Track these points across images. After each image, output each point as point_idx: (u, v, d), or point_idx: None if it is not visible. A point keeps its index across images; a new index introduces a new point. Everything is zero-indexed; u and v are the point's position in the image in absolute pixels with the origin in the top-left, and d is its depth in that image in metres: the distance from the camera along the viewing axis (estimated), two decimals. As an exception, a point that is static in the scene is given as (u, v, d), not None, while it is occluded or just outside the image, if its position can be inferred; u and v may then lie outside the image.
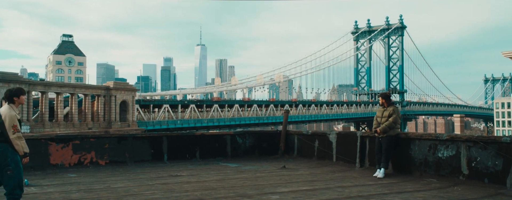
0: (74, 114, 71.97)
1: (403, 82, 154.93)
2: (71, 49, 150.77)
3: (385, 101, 9.01)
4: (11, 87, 41.09)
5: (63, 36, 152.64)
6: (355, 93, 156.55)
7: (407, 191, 7.24)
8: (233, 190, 7.33)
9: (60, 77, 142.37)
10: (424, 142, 8.48)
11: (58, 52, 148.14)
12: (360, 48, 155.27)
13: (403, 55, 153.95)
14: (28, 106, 67.08)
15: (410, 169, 8.74)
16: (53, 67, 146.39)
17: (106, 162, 10.22)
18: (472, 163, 7.60)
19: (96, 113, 75.25)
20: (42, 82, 77.30)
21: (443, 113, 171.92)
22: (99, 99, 74.93)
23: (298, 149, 12.10)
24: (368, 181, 8.29)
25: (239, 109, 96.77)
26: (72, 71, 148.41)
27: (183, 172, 9.40)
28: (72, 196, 6.66)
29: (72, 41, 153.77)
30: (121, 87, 77.48)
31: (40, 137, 9.83)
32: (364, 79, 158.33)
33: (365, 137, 9.83)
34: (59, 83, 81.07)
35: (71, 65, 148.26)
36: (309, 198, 6.75)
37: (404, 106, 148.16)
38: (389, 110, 8.86)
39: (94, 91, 75.09)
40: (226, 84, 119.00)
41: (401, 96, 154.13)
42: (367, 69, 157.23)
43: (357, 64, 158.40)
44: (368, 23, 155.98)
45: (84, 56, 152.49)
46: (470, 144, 7.65)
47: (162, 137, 11.05)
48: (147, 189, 7.37)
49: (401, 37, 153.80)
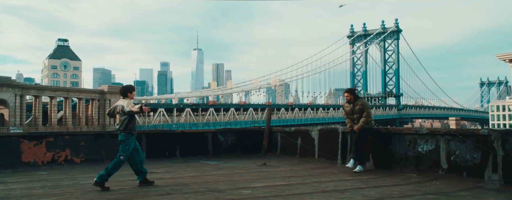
0: (68, 118, 71.59)
1: (399, 85, 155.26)
2: (67, 53, 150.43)
3: (352, 97, 8.72)
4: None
5: (58, 40, 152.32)
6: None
7: (385, 185, 7.06)
8: (206, 185, 7.13)
9: (56, 81, 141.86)
10: (405, 136, 8.31)
11: (54, 57, 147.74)
12: (356, 51, 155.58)
13: (399, 58, 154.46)
14: (21, 110, 66.72)
15: (390, 165, 8.56)
16: (49, 72, 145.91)
17: (82, 160, 9.96)
18: (451, 157, 7.43)
19: (90, 117, 74.94)
20: (35, 86, 76.93)
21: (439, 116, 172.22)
22: (94, 103, 74.65)
23: (281, 146, 11.89)
24: (347, 176, 8.10)
25: (235, 113, 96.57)
26: (67, 76, 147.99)
27: (159, 169, 9.18)
28: (34, 192, 6.44)
29: (68, 45, 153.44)
30: (115, 91, 77.14)
31: (12, 134, 9.58)
32: (360, 82, 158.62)
33: (347, 133, 9.64)
34: (53, 87, 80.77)
35: (66, 69, 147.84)
36: (282, 192, 6.55)
37: (400, 109, 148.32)
38: (359, 104, 8.61)
39: (89, 95, 74.83)
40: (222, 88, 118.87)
41: (397, 99, 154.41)
42: (363, 73, 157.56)
43: (353, 68, 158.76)
44: (364, 27, 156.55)
45: (79, 61, 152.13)
46: (449, 137, 7.48)
47: (140, 135, 10.81)
48: (117, 185, 7.15)
49: (396, 40, 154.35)
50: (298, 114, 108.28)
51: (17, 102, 65.54)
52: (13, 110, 65.27)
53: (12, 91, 65.02)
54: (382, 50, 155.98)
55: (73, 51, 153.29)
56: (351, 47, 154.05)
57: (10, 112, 65.47)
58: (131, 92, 7.05)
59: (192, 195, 6.27)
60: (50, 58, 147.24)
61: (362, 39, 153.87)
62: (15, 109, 65.35)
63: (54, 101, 70.24)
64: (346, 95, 8.82)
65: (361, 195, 6.22)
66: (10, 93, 64.86)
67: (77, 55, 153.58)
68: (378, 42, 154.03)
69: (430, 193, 6.32)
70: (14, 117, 65.35)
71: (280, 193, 6.46)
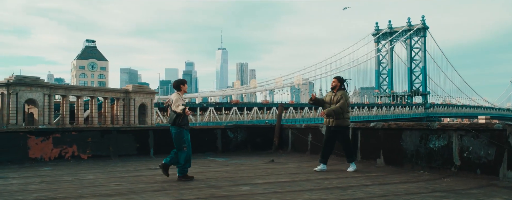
0: (94, 117, 72.94)
1: (426, 83, 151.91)
2: (94, 54, 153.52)
3: (338, 84, 8.11)
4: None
5: (86, 41, 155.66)
6: (377, 95, 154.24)
7: (392, 183, 6.71)
8: (206, 182, 6.95)
9: (84, 81, 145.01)
10: (416, 132, 7.91)
11: (82, 57, 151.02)
12: (381, 49, 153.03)
13: (426, 56, 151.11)
14: (50, 109, 68.36)
15: (401, 162, 8.18)
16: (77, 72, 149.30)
17: (89, 156, 9.94)
18: (464, 153, 7.01)
19: (115, 116, 76.09)
20: (63, 85, 78.76)
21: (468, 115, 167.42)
22: (119, 102, 75.78)
23: (292, 143, 11.61)
24: (355, 173, 7.78)
25: (258, 112, 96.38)
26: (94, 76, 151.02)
27: None
28: (29, 187, 6.38)
29: (95, 46, 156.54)
30: (140, 90, 78.21)
31: (19, 130, 9.63)
32: (386, 81, 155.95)
33: (357, 129, 9.30)
34: (79, 86, 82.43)
35: (94, 69, 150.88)
36: (282, 189, 6.31)
37: (427, 108, 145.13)
38: (338, 95, 8.05)
39: (114, 94, 75.99)
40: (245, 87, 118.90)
41: (424, 98, 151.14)
42: (389, 71, 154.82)
43: (379, 66, 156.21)
44: (389, 24, 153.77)
45: (106, 61, 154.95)
46: (462, 133, 7.06)
47: (148, 131, 10.73)
48: (115, 181, 7.05)
49: (423, 38, 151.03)
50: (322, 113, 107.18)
51: (45, 101, 67.19)
52: (41, 109, 66.94)
53: (40, 90, 66.70)
54: (408, 48, 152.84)
55: (100, 52, 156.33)
56: (376, 45, 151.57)
57: (39, 111, 67.18)
58: (183, 84, 7.39)
59: (188, 191, 6.09)
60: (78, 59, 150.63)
61: (387, 37, 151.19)
62: (43, 108, 67.01)
63: (80, 100, 71.65)
64: (333, 80, 8.22)
65: (364, 192, 5.91)
66: (39, 92, 66.55)
67: (104, 56, 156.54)
68: (404, 39, 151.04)
69: (439, 191, 5.96)
70: (43, 116, 67.04)
71: (280, 190, 6.21)
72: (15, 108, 63.74)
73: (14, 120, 63.28)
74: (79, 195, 5.72)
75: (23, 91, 64.93)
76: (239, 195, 5.77)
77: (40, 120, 67.38)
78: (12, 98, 63.45)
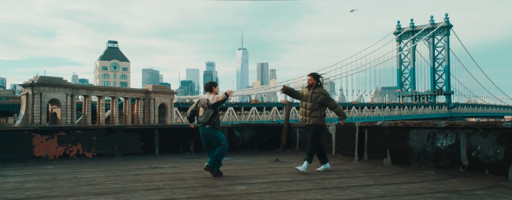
0: (115, 117, 73.97)
1: (449, 83, 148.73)
2: (116, 55, 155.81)
3: (315, 82, 7.69)
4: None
5: (108, 42, 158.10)
6: (398, 95, 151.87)
7: (395, 183, 6.45)
8: (203, 181, 6.81)
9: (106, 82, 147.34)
10: (423, 130, 7.60)
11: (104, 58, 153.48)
12: (403, 48, 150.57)
13: (449, 55, 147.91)
14: (72, 109, 69.63)
15: (408, 161, 7.88)
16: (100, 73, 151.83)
17: (93, 154, 9.94)
18: (472, 153, 6.68)
19: (136, 115, 76.98)
20: (85, 86, 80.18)
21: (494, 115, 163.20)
22: (139, 102, 76.64)
23: (300, 142, 11.38)
24: (359, 173, 7.52)
25: (277, 112, 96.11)
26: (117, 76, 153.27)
27: (166, 164, 8.98)
28: (25, 185, 6.36)
29: (117, 47, 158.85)
30: (160, 90, 78.94)
31: (24, 128, 9.70)
32: (408, 80, 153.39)
33: (364, 127, 9.03)
34: (101, 87, 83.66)
35: (116, 70, 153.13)
36: (279, 188, 6.14)
37: (451, 107, 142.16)
38: (319, 93, 7.66)
39: (134, 94, 76.89)
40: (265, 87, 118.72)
41: (447, 98, 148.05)
42: (411, 70, 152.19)
43: (400, 65, 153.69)
44: (411, 23, 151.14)
45: (128, 62, 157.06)
46: (470, 131, 6.74)
47: (153, 130, 10.67)
48: (113, 179, 6.98)
49: (447, 36, 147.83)
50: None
51: (68, 101, 68.46)
52: (64, 109, 68.25)
53: (63, 91, 68.01)
54: (431, 47, 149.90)
55: (122, 53, 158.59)
56: (398, 44, 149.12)
57: (62, 111, 68.50)
58: (215, 86, 7.58)
59: (181, 190, 5.97)
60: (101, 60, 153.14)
61: (409, 36, 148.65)
62: (66, 108, 68.32)
63: (102, 100, 72.79)
64: (308, 78, 7.75)
65: (362, 193, 5.68)
66: (62, 93, 67.88)
67: (126, 56, 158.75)
68: (426, 38, 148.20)
69: (442, 192, 5.68)
70: (65, 115, 68.38)
71: (276, 189, 6.04)
72: (39, 108, 65.17)
73: (39, 120, 64.71)
74: (71, 194, 5.66)
75: (47, 91, 66.32)
76: (232, 195, 5.62)
77: (63, 120, 68.70)
78: (37, 98, 64.89)
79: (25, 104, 65.12)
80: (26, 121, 63.94)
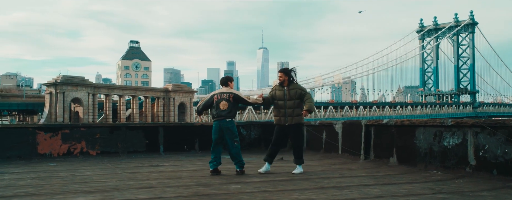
0: (136, 115, 74.88)
1: (474, 82, 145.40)
2: (138, 54, 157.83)
3: (286, 78, 7.18)
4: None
5: (130, 42, 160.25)
6: (421, 94, 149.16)
7: (397, 183, 6.17)
8: (199, 179, 6.66)
9: (128, 81, 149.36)
10: (429, 129, 7.28)
11: (126, 58, 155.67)
12: (426, 47, 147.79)
13: (474, 53, 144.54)
14: (94, 108, 70.83)
15: (414, 161, 7.56)
16: (122, 72, 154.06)
17: (97, 152, 9.91)
18: (479, 152, 6.34)
19: (156, 114, 77.76)
20: (106, 85, 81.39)
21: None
22: (159, 101, 77.38)
23: (307, 141, 11.13)
24: (363, 173, 7.25)
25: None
26: (138, 76, 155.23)
27: (168, 163, 8.87)
28: (18, 183, 6.32)
29: (139, 47, 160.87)
30: (179, 89, 79.53)
31: (28, 126, 9.74)
32: (431, 79, 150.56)
33: (371, 126, 8.73)
34: (121, 86, 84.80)
35: (137, 69, 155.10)
36: (274, 188, 5.93)
37: (476, 107, 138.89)
38: (296, 88, 7.19)
39: (154, 93, 77.67)
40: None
41: (472, 97, 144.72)
42: (434, 69, 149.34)
43: (423, 64, 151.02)
44: (434, 21, 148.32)
45: (149, 61, 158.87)
46: (478, 130, 6.39)
47: (158, 128, 10.59)
48: (108, 177, 6.89)
49: (471, 34, 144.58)
50: (362, 112, 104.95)
51: (90, 100, 69.67)
52: (86, 108, 69.48)
53: (85, 90, 69.23)
54: (455, 45, 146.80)
55: (143, 52, 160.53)
56: (421, 42, 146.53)
57: (84, 109, 69.74)
58: (231, 81, 7.47)
59: (173, 189, 5.82)
60: (123, 59, 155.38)
61: (432, 34, 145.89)
62: (88, 107, 69.53)
63: (122, 99, 73.76)
64: (279, 75, 7.21)
65: (360, 193, 5.43)
66: (83, 92, 69.11)
67: (147, 56, 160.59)
68: (450, 36, 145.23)
69: (444, 192, 5.38)
70: (87, 114, 69.59)
71: (271, 189, 5.83)
72: (62, 106, 66.47)
73: (61, 118, 66.04)
74: (60, 192, 5.58)
75: (69, 90, 67.62)
76: (223, 194, 5.44)
77: (85, 118, 69.93)
78: (59, 97, 66.23)
79: (49, 103, 66.53)
80: (50, 119, 65.30)
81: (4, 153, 9.16)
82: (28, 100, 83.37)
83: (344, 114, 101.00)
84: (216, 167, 7.16)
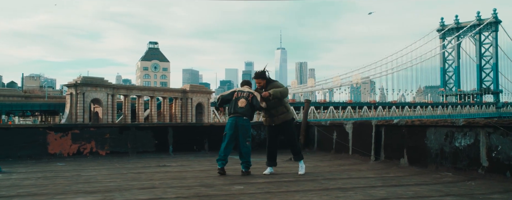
0: (154, 115, 75.58)
1: (497, 81, 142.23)
2: (157, 55, 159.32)
3: (264, 82, 7.06)
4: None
5: (149, 43, 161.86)
6: (442, 94, 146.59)
7: (405, 185, 5.98)
8: (203, 180, 6.58)
9: (147, 82, 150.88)
10: (441, 129, 7.05)
11: (145, 59, 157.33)
12: (447, 46, 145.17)
13: (497, 52, 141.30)
14: (113, 108, 71.76)
15: (425, 162, 7.34)
16: (141, 73, 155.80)
17: (107, 152, 9.94)
18: (492, 153, 6.09)
19: (174, 115, 78.33)
20: (124, 85, 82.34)
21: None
22: (177, 102, 77.94)
23: (318, 141, 10.96)
24: (371, 174, 7.06)
25: (315, 111, 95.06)
26: (157, 76, 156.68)
27: (175, 163, 8.83)
28: (23, 183, 6.35)
29: (158, 48, 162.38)
30: (197, 90, 79.94)
31: (39, 126, 9.83)
32: (452, 79, 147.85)
33: (381, 126, 8.52)
34: (140, 86, 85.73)
35: (156, 70, 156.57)
36: (278, 188, 5.82)
37: (499, 107, 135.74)
38: (276, 85, 7.06)
39: (172, 94, 78.26)
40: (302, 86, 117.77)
41: (495, 97, 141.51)
42: (455, 68, 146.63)
43: (444, 63, 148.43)
44: (456, 19, 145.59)
45: (168, 62, 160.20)
46: (490, 130, 6.15)
47: (167, 128, 10.57)
48: (113, 177, 6.87)
49: (495, 32, 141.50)
50: (381, 113, 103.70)
51: (109, 101, 70.62)
52: (105, 108, 70.45)
53: (104, 90, 70.19)
54: (478, 44, 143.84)
55: (162, 53, 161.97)
56: (441, 42, 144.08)
57: (103, 110, 70.73)
58: (249, 85, 7.49)
59: (175, 189, 5.76)
60: (142, 60, 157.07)
61: (454, 33, 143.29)
62: (107, 107, 70.50)
63: (141, 100, 74.52)
64: (257, 82, 7.11)
65: (364, 195, 5.26)
66: (103, 92, 70.08)
67: (165, 57, 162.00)
68: (472, 35, 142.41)
69: (453, 195, 5.17)
70: (106, 115, 70.55)
71: (274, 190, 5.72)
72: (82, 107, 67.54)
73: (81, 119, 67.09)
74: (62, 192, 5.57)
75: (89, 91, 68.66)
76: (224, 195, 5.35)
77: (104, 119, 70.92)
78: (80, 98, 67.30)
79: (69, 104, 67.65)
80: (70, 119, 66.41)
81: (15, 152, 9.26)
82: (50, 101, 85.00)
83: (363, 114, 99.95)
84: (224, 167, 7.10)
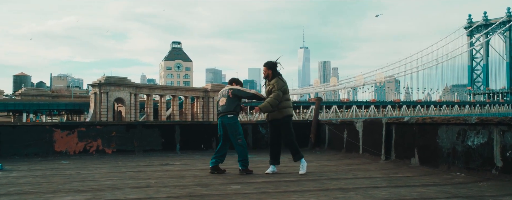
0: (176, 114, 76.25)
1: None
2: (180, 55, 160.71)
3: (270, 72, 6.76)
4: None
5: (172, 43, 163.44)
6: (469, 93, 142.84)
7: (411, 185, 5.63)
8: (201, 179, 6.39)
9: (170, 81, 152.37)
10: (453, 127, 6.65)
11: (168, 59, 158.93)
12: (475, 43, 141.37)
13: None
14: (136, 107, 72.69)
15: (436, 161, 6.95)
16: (164, 73, 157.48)
17: (113, 150, 9.86)
18: (506, 153, 5.68)
19: (195, 114, 78.80)
20: (147, 85, 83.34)
21: None
22: (198, 101, 78.40)
23: (329, 140, 10.63)
24: (378, 174, 6.73)
25: (337, 110, 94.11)
26: (180, 76, 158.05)
27: (179, 161, 8.67)
28: (19, 181, 6.28)
29: (181, 47, 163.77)
30: (218, 89, 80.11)
31: (45, 124, 9.83)
32: (480, 77, 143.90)
33: (391, 124, 8.14)
34: (162, 86, 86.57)
35: (179, 70, 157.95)
36: (275, 188, 5.56)
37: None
38: (272, 84, 6.71)
39: (194, 93, 78.76)
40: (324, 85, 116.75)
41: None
42: (484, 67, 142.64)
43: (472, 62, 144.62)
44: (484, 16, 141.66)
45: (191, 61, 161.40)
46: (505, 128, 5.74)
47: (174, 126, 10.44)
48: (111, 176, 6.75)
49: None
50: (406, 112, 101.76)
51: (132, 100, 71.60)
52: (129, 107, 71.44)
53: (127, 90, 71.18)
54: (507, 41, 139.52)
55: (185, 53, 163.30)
56: (469, 39, 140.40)
57: (126, 109, 71.73)
58: (235, 82, 7.29)
59: (169, 188, 5.58)
60: (165, 60, 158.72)
61: (482, 30, 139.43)
62: (130, 106, 71.47)
63: (163, 99, 75.24)
64: (263, 70, 6.85)
65: (365, 195, 4.96)
66: (126, 92, 71.08)
67: (189, 57, 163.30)
68: (502, 32, 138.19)
69: (460, 197, 4.82)
70: (129, 113, 71.52)
71: (271, 190, 5.46)
72: (106, 106, 68.67)
73: (105, 118, 68.22)
74: (53, 191, 5.45)
75: (113, 90, 69.75)
76: (217, 195, 5.13)
77: (127, 118, 71.92)
78: (103, 97, 68.46)
79: (94, 103, 68.87)
80: (94, 118, 67.56)
81: (22, 150, 9.29)
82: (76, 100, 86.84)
83: (386, 113, 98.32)
84: (217, 165, 6.92)
